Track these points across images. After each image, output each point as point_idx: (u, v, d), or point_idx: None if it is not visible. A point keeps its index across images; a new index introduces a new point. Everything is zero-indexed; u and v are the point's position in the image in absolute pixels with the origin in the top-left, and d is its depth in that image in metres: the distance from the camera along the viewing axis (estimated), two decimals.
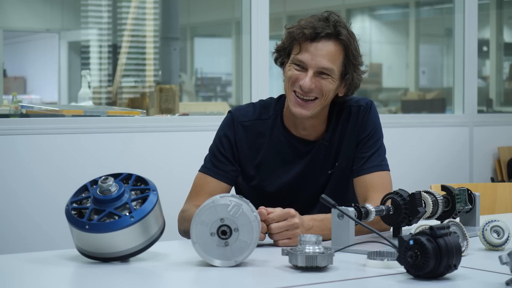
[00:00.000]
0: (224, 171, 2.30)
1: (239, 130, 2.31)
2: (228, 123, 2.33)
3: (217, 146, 2.32)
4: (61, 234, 2.77)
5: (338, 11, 11.92)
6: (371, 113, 2.34)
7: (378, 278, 1.68)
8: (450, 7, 4.73)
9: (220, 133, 2.34)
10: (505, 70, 9.28)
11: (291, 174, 2.32)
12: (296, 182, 2.33)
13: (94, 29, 7.09)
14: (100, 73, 6.99)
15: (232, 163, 2.30)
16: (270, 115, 2.33)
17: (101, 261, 1.81)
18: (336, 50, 2.21)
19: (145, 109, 4.58)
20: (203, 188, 2.29)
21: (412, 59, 10.73)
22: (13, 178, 3.29)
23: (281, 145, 2.32)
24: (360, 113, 2.32)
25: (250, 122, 2.32)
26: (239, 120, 2.32)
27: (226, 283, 1.66)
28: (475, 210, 2.26)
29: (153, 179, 1.93)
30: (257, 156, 2.32)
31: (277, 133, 2.32)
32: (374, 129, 2.33)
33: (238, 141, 2.31)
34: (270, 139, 2.32)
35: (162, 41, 6.31)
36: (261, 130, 2.32)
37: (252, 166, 2.32)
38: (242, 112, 2.34)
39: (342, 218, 1.92)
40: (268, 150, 2.32)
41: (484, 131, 4.64)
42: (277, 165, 2.32)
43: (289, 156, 2.32)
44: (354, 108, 2.33)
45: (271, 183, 2.32)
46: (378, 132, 2.33)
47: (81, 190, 1.87)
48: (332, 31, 2.20)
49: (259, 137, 2.32)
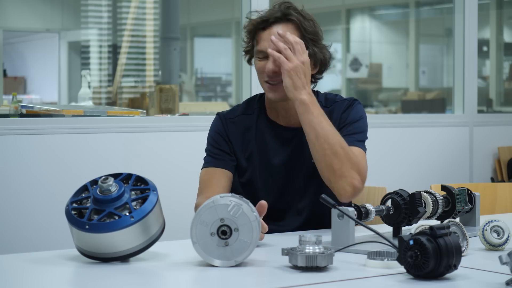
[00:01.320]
0: (224, 160, 2.37)
1: (229, 125, 2.40)
2: (217, 122, 2.43)
3: (212, 144, 2.41)
4: (61, 234, 2.77)
5: (338, 11, 11.94)
6: (353, 108, 2.38)
7: (378, 278, 1.68)
8: (450, 7, 4.73)
9: (212, 132, 2.43)
10: (505, 70, 9.28)
11: (279, 161, 2.37)
12: (284, 169, 2.37)
13: (94, 29, 7.09)
14: (100, 73, 6.99)
15: (229, 154, 2.38)
16: (254, 109, 2.42)
17: (101, 261, 1.81)
18: (288, 30, 2.29)
19: (145, 109, 4.58)
20: (210, 180, 2.35)
21: (412, 59, 10.73)
22: (13, 178, 3.29)
23: (267, 135, 2.39)
24: (342, 107, 2.38)
25: (237, 117, 2.41)
26: (226, 118, 2.42)
27: (226, 283, 1.66)
28: (475, 210, 2.26)
29: (153, 179, 1.93)
30: (247, 148, 2.39)
31: (262, 125, 2.40)
32: (354, 120, 2.35)
33: (230, 134, 2.39)
34: (256, 131, 2.39)
35: (162, 41, 6.31)
36: (248, 124, 2.40)
37: (244, 158, 2.38)
38: (227, 112, 2.45)
39: (342, 218, 1.92)
40: (255, 142, 2.39)
41: (484, 131, 4.64)
42: (265, 155, 2.38)
43: (275, 145, 2.38)
44: (338, 103, 2.38)
45: (260, 172, 2.37)
46: (358, 123, 2.36)
47: (81, 190, 1.87)
48: (280, 14, 2.30)
49: (246, 130, 2.40)
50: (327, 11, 11.11)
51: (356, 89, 10.66)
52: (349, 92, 10.48)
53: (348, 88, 10.53)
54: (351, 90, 10.58)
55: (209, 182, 2.34)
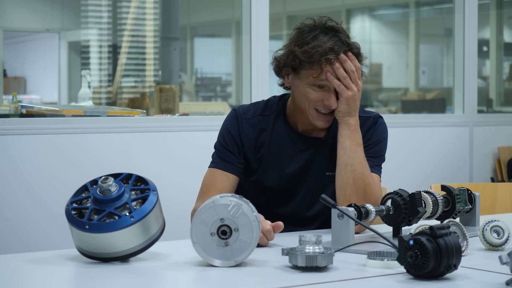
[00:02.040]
0: (231, 163, 2.35)
1: (243, 126, 2.37)
2: (232, 120, 2.39)
3: (221, 143, 2.38)
4: (61, 234, 2.77)
5: (338, 11, 11.93)
6: (378, 127, 2.39)
7: (378, 278, 1.68)
8: (450, 7, 4.73)
9: (224, 130, 2.39)
10: (505, 70, 9.28)
11: (291, 169, 2.35)
12: (295, 178, 2.35)
13: (94, 29, 7.09)
14: (100, 73, 6.99)
15: (237, 156, 2.35)
16: (273, 111, 2.39)
17: (101, 261, 1.81)
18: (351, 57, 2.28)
19: (145, 109, 4.58)
20: (212, 185, 2.33)
21: (412, 59, 10.73)
22: (13, 178, 3.29)
23: (283, 140, 2.36)
24: (367, 125, 2.37)
25: (253, 118, 2.38)
26: (242, 117, 2.38)
27: (226, 283, 1.66)
28: (475, 210, 2.26)
29: (153, 179, 1.93)
30: (260, 150, 2.36)
31: (279, 129, 2.37)
32: (378, 142, 2.38)
33: (243, 137, 2.36)
34: (272, 134, 2.36)
35: (162, 41, 6.31)
36: (264, 126, 2.37)
37: (255, 160, 2.36)
38: (245, 110, 2.40)
39: (342, 218, 1.92)
40: (270, 145, 2.36)
41: (484, 131, 4.64)
42: (278, 159, 2.35)
43: (290, 151, 2.35)
44: (363, 119, 2.36)
45: (270, 177, 2.35)
46: (380, 145, 2.38)
47: (81, 190, 1.87)
48: (346, 48, 2.27)
49: (261, 132, 2.37)
50: (327, 11, 11.11)
51: None
52: None
53: None
54: None
55: (211, 187, 2.32)
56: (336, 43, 2.25)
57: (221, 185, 2.31)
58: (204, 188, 2.35)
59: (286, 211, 2.34)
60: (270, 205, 2.32)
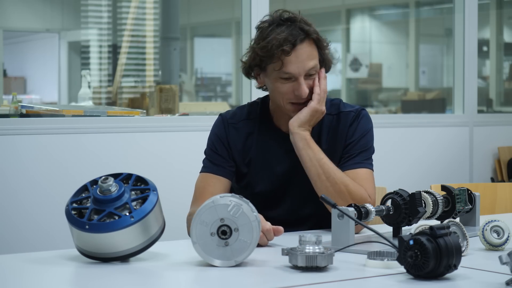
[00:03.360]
0: (222, 166, 2.36)
1: (230, 131, 2.38)
2: (219, 125, 2.41)
3: (211, 148, 2.39)
4: (61, 234, 2.77)
5: (338, 11, 11.93)
6: (360, 120, 2.38)
7: (378, 278, 1.68)
8: (450, 7, 4.73)
9: (212, 135, 2.42)
10: (505, 70, 9.29)
11: (280, 170, 2.36)
12: (285, 178, 2.36)
13: (94, 29, 7.09)
14: (100, 73, 6.99)
15: (227, 160, 2.37)
16: (257, 113, 2.40)
17: (101, 261, 1.81)
18: (312, 47, 2.29)
19: (145, 109, 4.58)
20: (205, 189, 2.34)
21: (412, 59, 10.73)
22: (13, 178, 3.29)
23: (269, 142, 2.37)
24: (349, 119, 2.38)
25: (239, 123, 2.40)
26: (229, 122, 2.40)
27: (226, 283, 1.66)
28: (475, 210, 2.26)
29: (153, 179, 1.93)
30: (248, 154, 2.37)
31: (265, 131, 2.38)
32: (363, 135, 2.37)
33: (231, 140, 2.38)
34: (259, 137, 2.38)
35: (162, 41, 6.31)
36: (250, 130, 2.39)
37: (244, 164, 2.37)
38: (231, 115, 2.42)
39: (342, 218, 1.92)
40: (257, 148, 2.37)
41: (484, 131, 4.64)
42: (267, 161, 2.36)
43: (277, 153, 2.37)
44: (344, 114, 2.38)
45: (261, 180, 2.36)
46: (366, 138, 2.38)
47: (81, 190, 1.87)
48: (303, 35, 2.27)
49: (248, 136, 2.38)
50: (327, 11, 11.12)
51: (356, 89, 10.66)
52: (349, 92, 10.48)
53: (348, 88, 10.53)
54: (351, 90, 10.58)
55: (204, 190, 2.32)
56: (291, 32, 2.26)
57: (214, 189, 2.31)
58: (197, 192, 2.36)
59: (279, 213, 2.34)
60: (262, 208, 2.32)
